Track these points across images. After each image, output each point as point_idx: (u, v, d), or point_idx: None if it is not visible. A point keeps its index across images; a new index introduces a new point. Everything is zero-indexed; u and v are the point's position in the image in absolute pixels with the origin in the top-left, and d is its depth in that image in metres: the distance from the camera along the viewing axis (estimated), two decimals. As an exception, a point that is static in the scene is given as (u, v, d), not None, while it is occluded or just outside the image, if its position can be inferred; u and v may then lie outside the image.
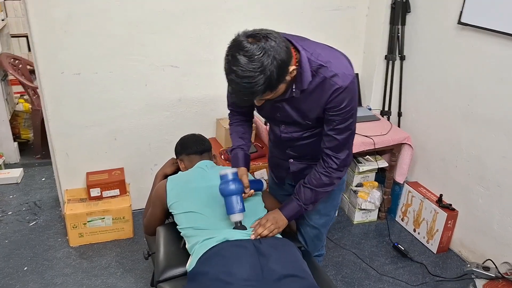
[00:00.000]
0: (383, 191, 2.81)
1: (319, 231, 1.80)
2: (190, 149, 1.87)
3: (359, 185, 2.79)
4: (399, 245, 2.58)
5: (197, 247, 1.47)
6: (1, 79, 3.25)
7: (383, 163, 2.72)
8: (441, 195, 2.56)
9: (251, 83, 1.21)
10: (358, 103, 1.53)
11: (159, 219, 1.78)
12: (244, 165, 1.66)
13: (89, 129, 2.53)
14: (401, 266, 2.49)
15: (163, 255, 1.64)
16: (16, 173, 3.17)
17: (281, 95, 1.38)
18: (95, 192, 2.55)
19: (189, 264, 1.48)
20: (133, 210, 2.63)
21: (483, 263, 2.27)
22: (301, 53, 1.34)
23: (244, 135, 1.72)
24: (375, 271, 2.43)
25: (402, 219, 2.85)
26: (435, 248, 2.59)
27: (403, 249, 2.56)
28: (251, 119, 1.79)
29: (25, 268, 2.35)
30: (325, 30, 2.71)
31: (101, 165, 2.64)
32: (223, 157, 2.50)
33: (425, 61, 2.61)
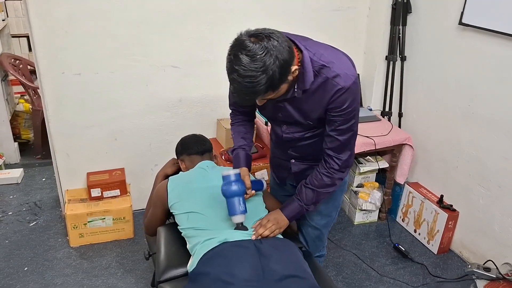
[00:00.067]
0: (384, 191, 2.81)
1: (320, 231, 1.80)
2: (191, 150, 1.87)
3: (360, 185, 2.79)
4: (400, 246, 2.58)
5: (198, 247, 1.47)
6: (2, 79, 3.25)
7: (384, 164, 2.72)
8: (442, 196, 2.56)
9: (253, 83, 1.21)
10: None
11: (160, 219, 1.78)
12: (245, 165, 1.65)
13: (90, 129, 2.54)
14: (401, 266, 2.49)
15: (164, 255, 1.63)
16: (16, 173, 3.17)
17: (283, 95, 1.38)
18: (95, 192, 2.55)
19: (190, 264, 1.48)
20: (134, 210, 2.63)
21: (483, 264, 2.26)
22: (303, 53, 1.34)
23: (246, 135, 1.72)
24: (376, 272, 2.43)
25: (402, 220, 2.85)
26: (435, 248, 2.58)
27: (403, 249, 2.56)
28: (253, 119, 1.79)
29: (26, 268, 2.35)
30: (325, 30, 2.71)
31: (101, 165, 2.64)
32: (223, 157, 2.50)
33: (426, 61, 2.61)
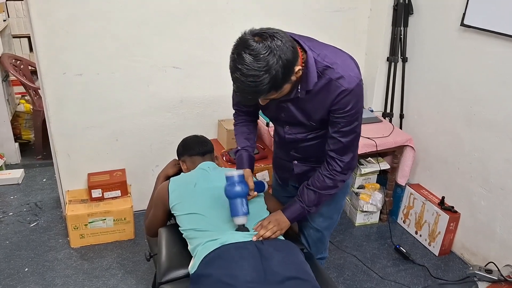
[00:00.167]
0: (385, 193, 2.81)
1: (322, 234, 1.79)
2: (192, 151, 1.87)
3: (361, 187, 2.79)
4: (401, 248, 2.57)
5: (199, 249, 1.47)
6: (3, 80, 3.25)
7: (385, 165, 2.71)
8: (443, 198, 2.56)
9: (256, 82, 1.20)
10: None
11: (161, 220, 1.77)
12: (248, 166, 1.65)
13: (91, 130, 2.53)
14: (402, 268, 2.48)
15: (165, 256, 1.63)
16: (17, 174, 3.16)
17: (286, 95, 1.38)
18: (96, 193, 2.54)
19: (191, 266, 1.48)
20: (135, 211, 2.63)
21: (485, 266, 2.26)
22: (307, 53, 1.33)
23: (249, 136, 1.71)
24: (377, 273, 2.42)
25: (403, 221, 2.84)
26: (437, 250, 2.58)
27: (404, 251, 2.55)
28: (257, 119, 1.78)
29: (26, 269, 2.35)
30: (326, 31, 2.69)
31: (102, 166, 2.64)
32: (224, 158, 2.50)
33: (428, 62, 2.61)
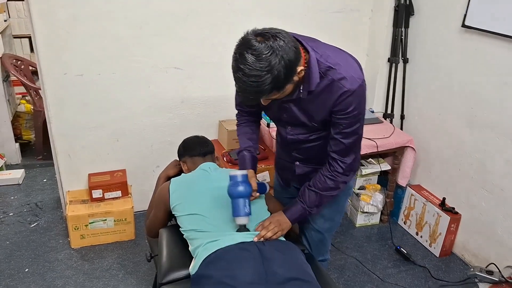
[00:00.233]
0: (386, 194, 2.81)
1: (323, 235, 1.78)
2: (193, 151, 1.86)
3: (362, 188, 2.78)
4: (402, 249, 2.57)
5: (200, 250, 1.46)
6: (3, 80, 3.25)
7: (386, 166, 2.71)
8: (444, 199, 2.56)
9: (258, 82, 1.20)
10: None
11: (162, 221, 1.77)
12: (251, 167, 1.65)
13: (92, 131, 2.53)
14: (403, 269, 2.48)
15: (165, 257, 1.63)
16: (17, 174, 3.16)
17: (288, 95, 1.37)
18: (97, 193, 2.54)
19: (192, 267, 1.47)
20: (135, 211, 2.62)
21: (486, 267, 2.26)
22: (310, 54, 1.33)
23: (252, 136, 1.71)
24: (378, 275, 2.42)
25: (404, 222, 2.84)
26: (437, 251, 2.57)
27: (405, 252, 2.55)
28: (259, 120, 1.77)
29: (26, 269, 2.35)
30: (328, 32, 2.66)
31: (103, 166, 2.63)
32: (225, 159, 2.50)
33: (429, 64, 2.61)
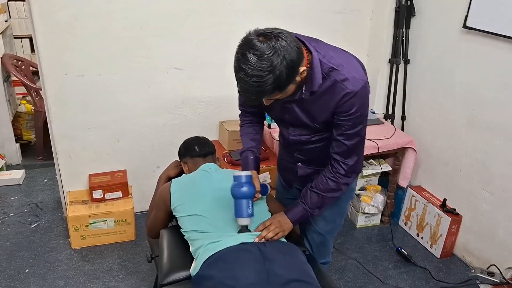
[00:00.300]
0: (387, 195, 2.80)
1: (325, 238, 1.78)
2: (194, 152, 1.86)
3: (362, 188, 2.78)
4: (403, 250, 2.57)
5: (201, 250, 1.46)
6: (4, 80, 3.25)
7: (387, 167, 2.71)
8: (445, 200, 2.55)
9: (260, 82, 1.20)
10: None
11: (163, 222, 1.76)
12: (254, 168, 1.64)
13: (92, 131, 2.53)
14: (404, 271, 2.47)
15: (166, 258, 1.62)
16: (18, 175, 3.16)
17: (290, 96, 1.37)
18: (97, 194, 2.54)
19: (193, 268, 1.47)
20: (136, 212, 2.62)
21: (487, 269, 2.25)
22: (313, 54, 1.33)
23: (255, 137, 1.70)
24: (379, 276, 2.42)
25: (405, 224, 2.84)
26: (438, 253, 2.57)
27: (406, 253, 2.54)
28: (263, 120, 1.77)
29: (27, 270, 2.34)
30: (329, 33, 2.64)
31: (103, 167, 2.63)
32: (226, 159, 2.50)
33: (430, 65, 2.61)
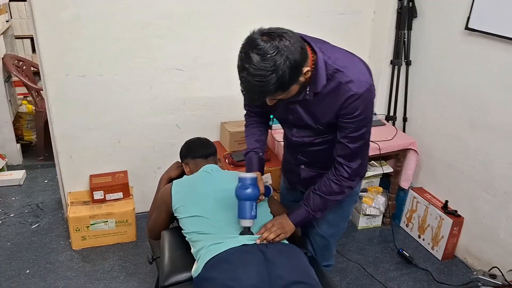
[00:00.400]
0: (388, 196, 2.80)
1: (328, 241, 1.77)
2: (195, 153, 1.85)
3: (364, 190, 2.77)
4: (404, 252, 2.56)
5: (203, 252, 1.45)
6: (5, 81, 3.24)
7: (388, 169, 2.70)
8: (447, 201, 2.55)
9: (262, 82, 1.19)
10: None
11: (164, 223, 1.76)
12: (258, 169, 1.63)
13: (93, 132, 2.53)
14: (405, 272, 2.46)
15: (168, 259, 1.62)
16: (18, 175, 3.16)
17: (294, 96, 1.36)
18: (98, 195, 2.53)
19: (194, 269, 1.46)
20: (137, 213, 2.62)
21: (489, 271, 2.25)
22: (318, 55, 1.32)
23: (259, 138, 1.69)
24: (380, 277, 2.41)
25: (406, 225, 2.83)
26: (440, 254, 2.56)
27: (407, 255, 2.54)
28: (268, 121, 1.76)
29: (27, 271, 2.34)
30: (330, 34, 2.62)
31: (104, 167, 2.63)
32: (227, 160, 2.49)
33: (432, 66, 2.60)
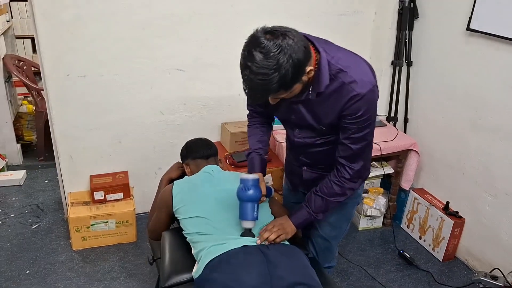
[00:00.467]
0: (389, 197, 2.79)
1: (330, 243, 1.77)
2: (196, 154, 1.85)
3: (365, 191, 2.76)
4: (405, 253, 2.55)
5: (203, 253, 1.45)
6: (5, 81, 3.24)
7: (389, 169, 2.70)
8: (448, 202, 2.54)
9: (265, 81, 1.19)
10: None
11: (164, 224, 1.75)
12: (260, 170, 1.63)
13: (94, 132, 2.52)
14: (406, 274, 2.46)
15: (168, 260, 1.61)
16: (19, 175, 3.15)
17: (297, 96, 1.36)
18: (98, 195, 2.53)
19: (195, 270, 1.46)
20: (137, 214, 2.62)
21: (490, 272, 2.24)
22: (321, 54, 1.32)
23: (262, 138, 1.68)
24: (381, 279, 2.40)
25: (407, 226, 2.82)
26: (441, 256, 2.56)
27: (408, 256, 2.53)
28: (271, 121, 1.75)
29: (27, 271, 2.33)
30: (331, 35, 2.60)
31: (105, 168, 2.62)
32: (228, 161, 2.49)
33: (433, 67, 2.60)
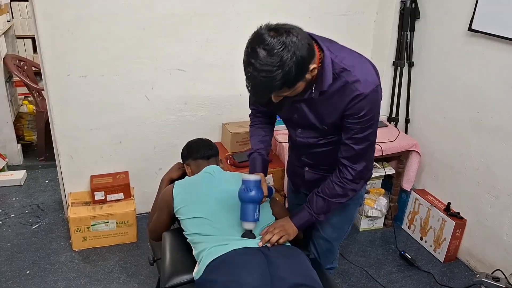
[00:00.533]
0: (390, 198, 2.79)
1: (332, 244, 1.76)
2: (197, 154, 1.84)
3: (366, 192, 2.76)
4: (406, 254, 2.55)
5: (204, 254, 1.45)
6: (6, 81, 3.24)
7: (390, 170, 2.69)
8: (449, 203, 2.53)
9: (268, 78, 1.18)
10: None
11: (165, 224, 1.75)
12: (262, 170, 1.62)
13: (94, 132, 2.52)
14: (408, 275, 2.45)
15: (169, 261, 1.61)
16: (19, 175, 3.15)
17: (300, 94, 1.35)
18: (99, 195, 2.52)
19: (196, 271, 1.45)
20: (137, 214, 2.61)
21: (492, 273, 2.23)
22: (325, 53, 1.31)
23: (264, 138, 1.67)
24: (382, 280, 2.40)
25: (408, 227, 2.82)
26: (442, 257, 2.55)
27: (410, 257, 2.52)
28: (273, 122, 1.75)
29: (28, 271, 2.33)
30: (333, 35, 2.61)
31: (105, 168, 2.62)
32: (228, 162, 2.48)
33: (434, 67, 2.59)
